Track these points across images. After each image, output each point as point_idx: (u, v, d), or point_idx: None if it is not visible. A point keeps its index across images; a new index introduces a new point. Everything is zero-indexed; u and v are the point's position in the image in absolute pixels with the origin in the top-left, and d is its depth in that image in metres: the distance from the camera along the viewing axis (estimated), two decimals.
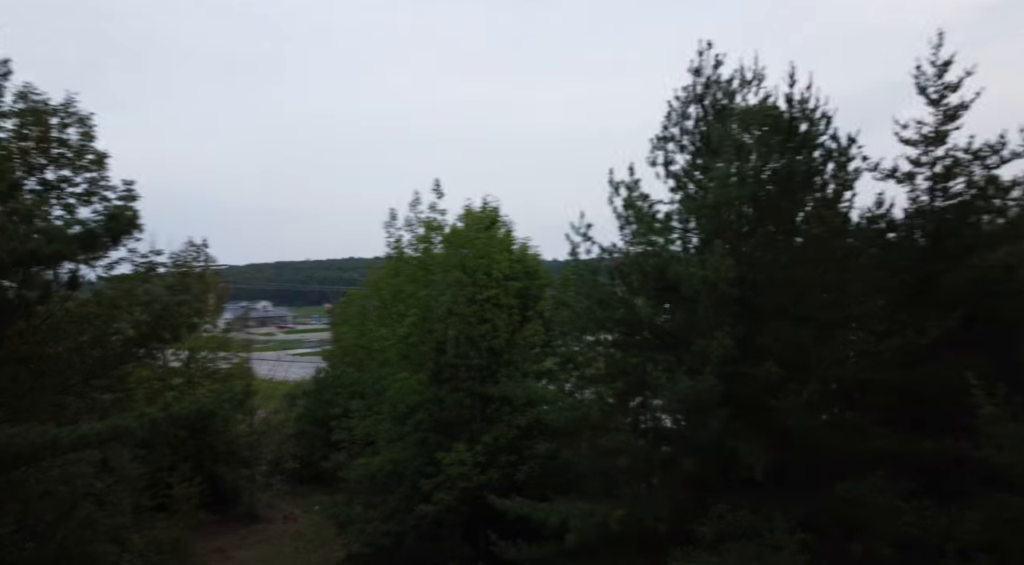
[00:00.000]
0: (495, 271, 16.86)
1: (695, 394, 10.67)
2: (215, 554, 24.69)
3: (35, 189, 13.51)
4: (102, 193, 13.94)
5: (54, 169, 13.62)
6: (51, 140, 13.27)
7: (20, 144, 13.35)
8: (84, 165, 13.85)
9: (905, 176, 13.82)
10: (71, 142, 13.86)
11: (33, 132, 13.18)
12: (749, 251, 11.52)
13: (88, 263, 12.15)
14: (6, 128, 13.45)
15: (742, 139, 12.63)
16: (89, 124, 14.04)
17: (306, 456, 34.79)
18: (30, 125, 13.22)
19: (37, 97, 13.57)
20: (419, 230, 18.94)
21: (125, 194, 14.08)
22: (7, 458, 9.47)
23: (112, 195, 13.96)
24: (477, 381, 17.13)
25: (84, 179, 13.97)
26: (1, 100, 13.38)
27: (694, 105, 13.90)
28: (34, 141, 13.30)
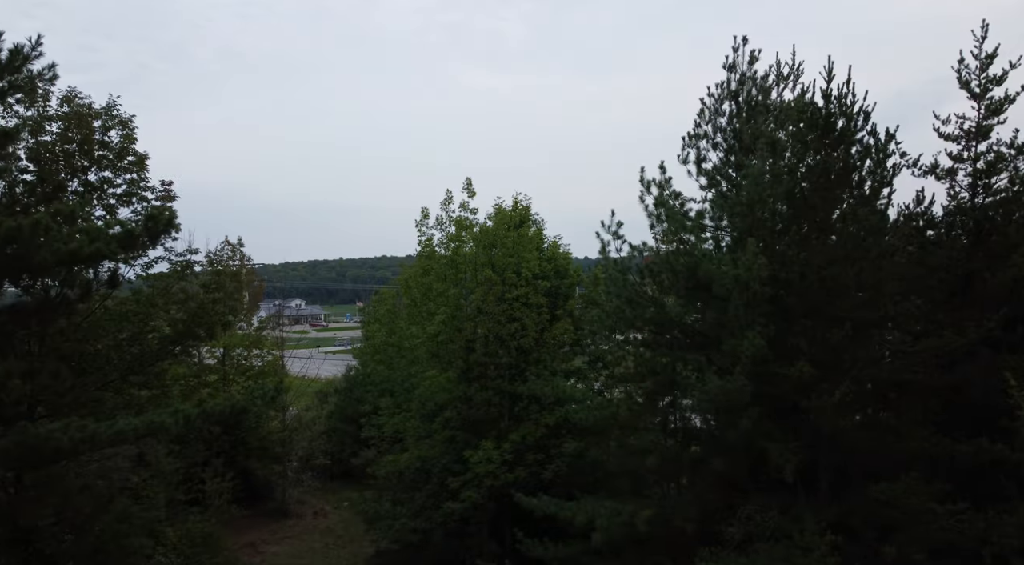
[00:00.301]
0: (524, 270, 16.86)
1: (725, 394, 10.55)
2: (246, 549, 25.03)
3: (77, 191, 13.88)
4: (141, 194, 14.27)
5: (96, 171, 13.95)
6: (94, 142, 13.58)
7: (64, 147, 13.70)
8: (125, 167, 14.18)
9: (945, 172, 13.54)
10: (113, 144, 14.18)
11: (77, 135, 13.50)
12: (783, 249, 11.36)
13: (127, 262, 12.42)
14: (52, 131, 13.82)
15: (777, 136, 12.48)
16: (130, 126, 14.37)
17: (336, 453, 35.18)
18: (74, 128, 13.55)
19: (81, 101, 13.92)
20: (450, 229, 19.02)
21: (163, 195, 14.39)
22: (47, 452, 9.71)
23: (151, 195, 14.29)
24: (506, 379, 17.16)
25: (124, 180, 14.32)
26: (47, 104, 13.74)
27: (728, 101, 13.77)
28: (77, 144, 13.63)
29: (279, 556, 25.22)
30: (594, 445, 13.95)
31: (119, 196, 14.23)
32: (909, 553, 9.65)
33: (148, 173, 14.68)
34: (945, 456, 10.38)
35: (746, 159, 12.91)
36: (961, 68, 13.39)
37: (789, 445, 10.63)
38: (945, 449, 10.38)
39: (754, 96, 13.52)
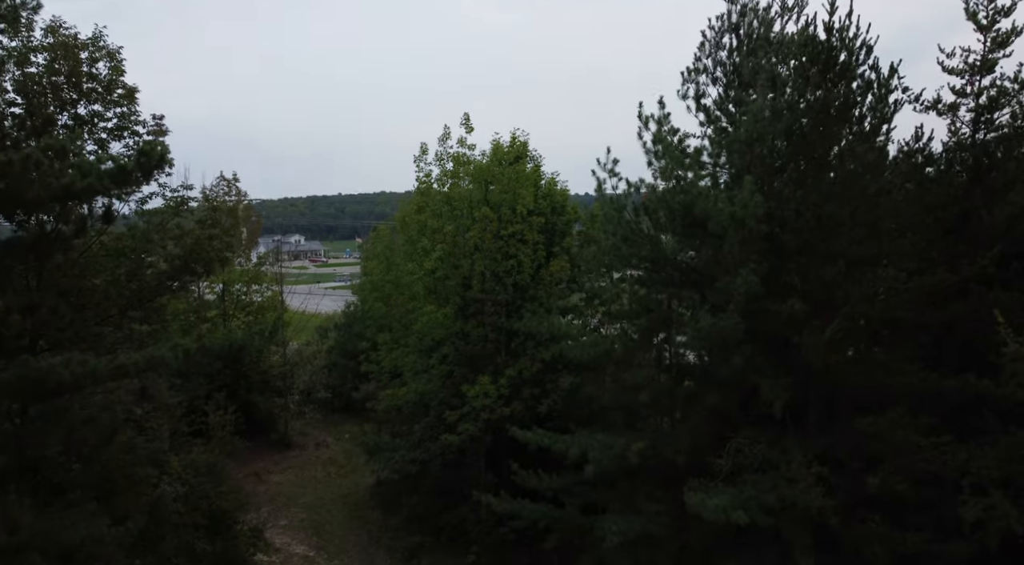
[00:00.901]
0: (519, 207, 16.79)
1: (718, 332, 10.68)
2: (250, 478, 25.73)
3: (67, 124, 13.67)
4: (132, 128, 14.07)
5: (85, 104, 13.70)
6: (81, 75, 13.30)
7: (52, 79, 13.42)
8: (114, 100, 13.92)
9: (948, 107, 13.35)
10: (101, 77, 13.89)
11: (64, 67, 13.21)
12: (780, 187, 11.29)
13: (121, 198, 12.35)
14: (38, 63, 13.52)
15: (777, 70, 12.25)
16: (118, 58, 14.03)
17: (337, 387, 35.79)
18: (60, 60, 13.24)
19: (66, 31, 13.56)
20: (448, 165, 18.85)
21: (155, 129, 14.20)
22: (49, 386, 9.87)
23: (142, 130, 14.10)
24: (502, 316, 17.30)
25: (115, 114, 14.09)
26: (32, 34, 13.40)
27: (729, 34, 13.46)
28: (64, 76, 13.35)
29: (283, 485, 25.96)
30: (589, 381, 14.17)
31: (110, 130, 14.02)
32: (892, 483, 9.94)
33: (138, 107, 14.44)
34: (933, 391, 10.56)
35: (746, 94, 12.72)
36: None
37: (780, 381, 10.81)
38: (933, 384, 10.56)
39: (755, 28, 13.20)
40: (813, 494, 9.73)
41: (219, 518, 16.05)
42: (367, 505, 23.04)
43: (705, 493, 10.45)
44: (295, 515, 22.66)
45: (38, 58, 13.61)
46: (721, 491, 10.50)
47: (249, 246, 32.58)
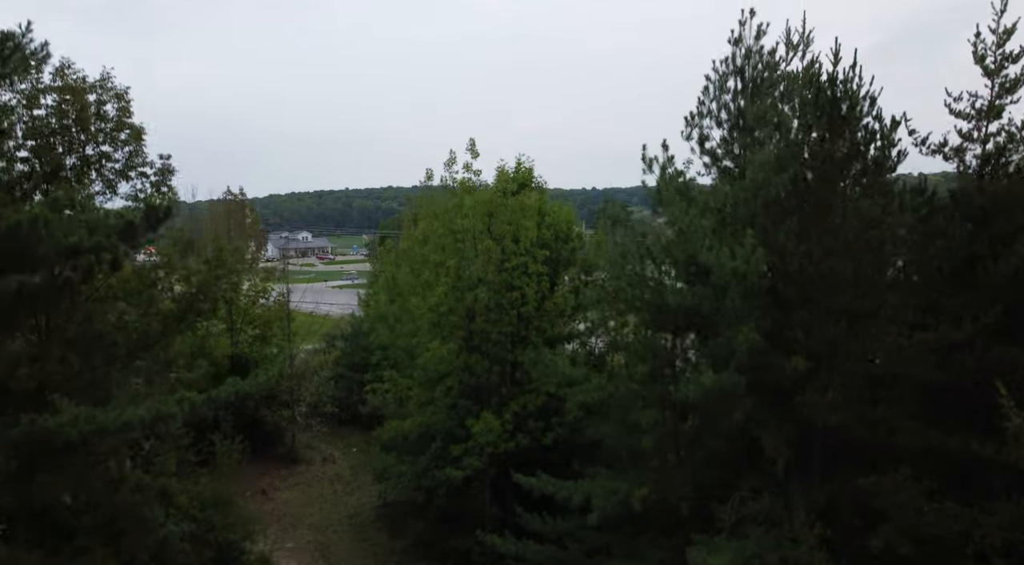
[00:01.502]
0: (523, 239, 16.82)
1: (720, 388, 10.70)
2: (257, 496, 25.94)
3: (75, 165, 13.78)
4: (140, 169, 14.17)
5: (94, 145, 13.82)
6: (89, 118, 13.41)
7: (60, 121, 13.53)
8: (123, 140, 14.03)
9: (954, 152, 13.30)
10: (109, 117, 14.00)
11: (72, 111, 13.32)
12: (783, 240, 11.27)
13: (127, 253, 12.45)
14: (46, 105, 13.62)
15: (781, 118, 12.23)
16: (126, 99, 14.14)
17: (344, 399, 35.91)
18: (68, 104, 13.34)
19: (74, 74, 13.65)
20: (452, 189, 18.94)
21: (163, 168, 14.29)
22: (57, 444, 10.00)
23: (150, 171, 14.20)
24: (507, 347, 17.36)
25: (123, 153, 14.20)
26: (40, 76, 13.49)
27: (733, 77, 13.42)
28: (73, 119, 13.45)
29: (290, 503, 26.13)
30: (593, 421, 14.20)
31: (118, 171, 14.13)
32: (895, 545, 9.96)
33: (145, 146, 14.56)
34: (936, 448, 10.56)
35: (750, 140, 12.70)
36: (977, 42, 12.98)
37: (782, 433, 10.84)
38: (935, 441, 10.55)
39: (760, 71, 13.16)
40: (817, 557, 9.76)
41: (226, 550, 16.19)
42: (373, 526, 23.17)
43: (708, 549, 10.49)
44: (302, 537, 22.81)
45: (47, 99, 13.74)
46: (724, 547, 10.54)
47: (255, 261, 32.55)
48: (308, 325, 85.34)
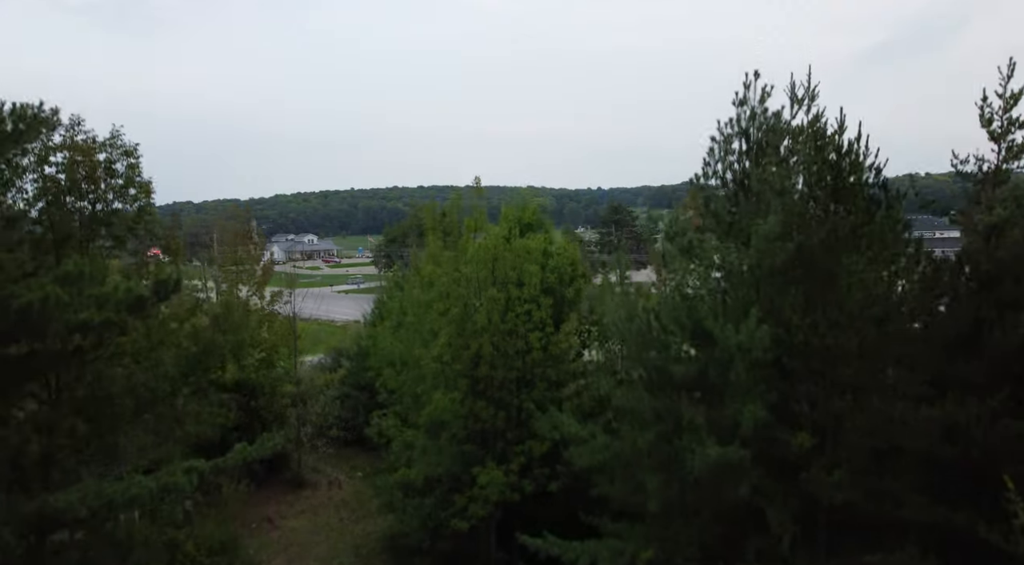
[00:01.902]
0: (528, 284, 16.88)
1: (725, 462, 10.74)
2: (264, 524, 26.06)
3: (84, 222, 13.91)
4: (149, 225, 14.29)
5: (103, 204, 13.94)
6: (99, 179, 13.54)
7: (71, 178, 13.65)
8: (132, 196, 14.16)
9: (960, 214, 13.32)
10: (119, 174, 14.12)
11: (82, 170, 13.44)
12: (788, 312, 11.30)
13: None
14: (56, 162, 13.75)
15: (785, 185, 12.26)
16: (135, 155, 14.27)
17: (349, 419, 35.98)
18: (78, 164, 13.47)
19: (85, 133, 13.79)
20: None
21: (172, 225, 14.41)
22: (66, 521, 10.11)
23: (159, 229, 14.31)
24: (512, 390, 17.42)
25: (132, 209, 14.33)
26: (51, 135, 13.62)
27: (738, 138, 13.43)
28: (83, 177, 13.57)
29: (296, 531, 26.22)
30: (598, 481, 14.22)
31: (128, 226, 14.25)
32: None
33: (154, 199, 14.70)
34: (942, 524, 10.58)
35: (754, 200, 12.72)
36: (984, 106, 12.99)
37: (787, 509, 10.87)
38: (942, 517, 10.57)
39: (765, 132, 13.17)
40: None
41: None
42: (380, 559, 23.23)
43: None
44: None
45: (57, 157, 13.87)
46: None
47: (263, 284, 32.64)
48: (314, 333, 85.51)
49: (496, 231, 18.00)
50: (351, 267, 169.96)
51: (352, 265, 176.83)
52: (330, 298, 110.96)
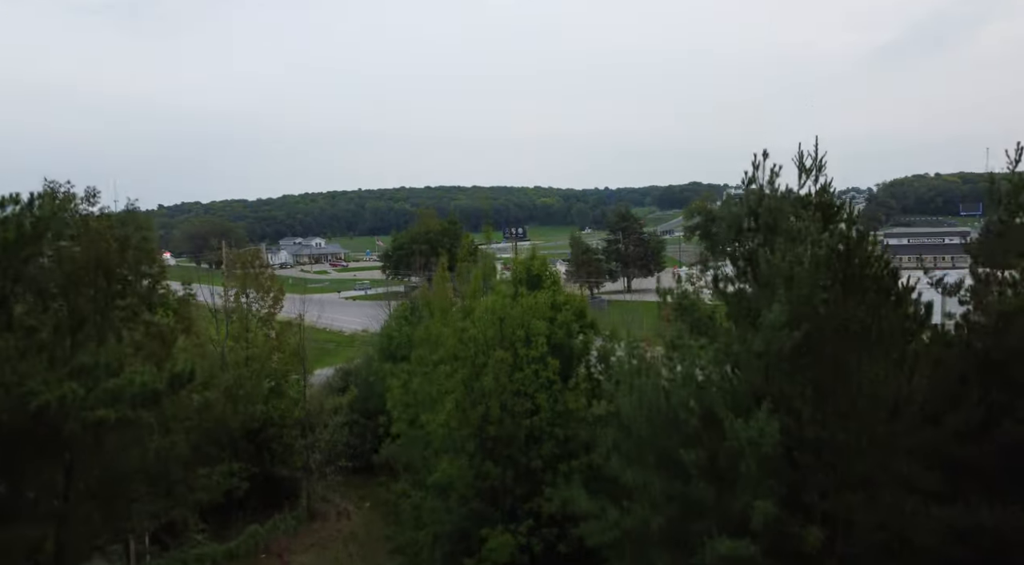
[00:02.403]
0: (535, 346, 16.97)
1: (736, 556, 10.80)
2: (273, 559, 26.21)
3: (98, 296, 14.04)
4: (161, 296, 14.43)
5: (119, 278, 14.08)
6: (113, 258, 13.68)
7: (87, 256, 13.79)
8: (147, 273, 14.32)
9: (970, 291, 13.36)
10: (133, 247, 14.27)
11: (97, 249, 13.59)
12: (798, 405, 11.34)
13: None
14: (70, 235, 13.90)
15: (795, 271, 12.28)
16: (149, 228, 14.44)
17: (358, 446, 36.06)
18: (93, 242, 13.61)
19: (100, 208, 13.98)
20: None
21: (184, 298, 14.55)
22: None
23: (172, 299, 14.45)
24: (521, 448, 17.51)
25: (146, 280, 14.48)
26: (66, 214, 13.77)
27: (747, 218, 13.47)
28: (98, 256, 13.71)
29: None
30: (609, 556, 14.30)
31: (142, 298, 14.40)
32: None
33: (166, 267, 14.84)
34: None
35: (763, 291, 12.74)
36: (992, 189, 13.05)
37: None
38: None
39: (772, 214, 13.20)
40: None
41: None
42: None
43: None
44: None
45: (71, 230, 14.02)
46: None
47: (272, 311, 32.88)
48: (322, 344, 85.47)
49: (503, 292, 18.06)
50: (358, 271, 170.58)
51: (359, 269, 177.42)
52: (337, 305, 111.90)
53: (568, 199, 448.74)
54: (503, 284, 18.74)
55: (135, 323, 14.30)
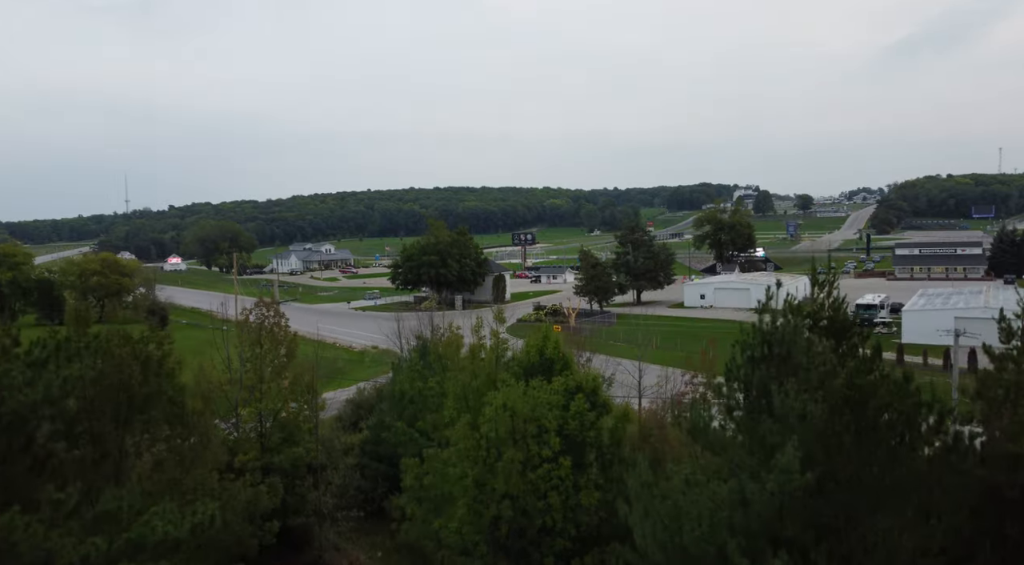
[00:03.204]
0: (546, 443, 17.09)
1: None
2: None
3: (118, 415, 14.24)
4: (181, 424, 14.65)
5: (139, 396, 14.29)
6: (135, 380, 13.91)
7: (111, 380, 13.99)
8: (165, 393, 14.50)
9: (981, 423, 13.42)
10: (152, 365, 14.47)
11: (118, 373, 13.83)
12: (812, 557, 11.44)
13: None
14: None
15: (807, 408, 12.37)
16: (168, 341, 14.66)
17: (369, 490, 36.23)
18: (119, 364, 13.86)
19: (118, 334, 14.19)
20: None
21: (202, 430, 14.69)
22: None
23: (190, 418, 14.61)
24: (534, 544, 17.65)
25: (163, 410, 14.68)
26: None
27: (760, 347, 13.56)
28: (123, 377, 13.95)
29: None
30: None
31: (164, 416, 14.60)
32: None
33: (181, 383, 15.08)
34: None
35: (776, 423, 12.83)
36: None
37: None
38: None
39: (785, 346, 13.29)
40: None
41: None
42: None
43: None
44: None
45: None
46: None
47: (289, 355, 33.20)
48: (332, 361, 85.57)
49: (517, 391, 18.12)
50: (368, 279, 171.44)
51: (369, 275, 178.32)
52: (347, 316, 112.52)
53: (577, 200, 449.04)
54: (514, 370, 18.82)
55: (155, 438, 14.52)
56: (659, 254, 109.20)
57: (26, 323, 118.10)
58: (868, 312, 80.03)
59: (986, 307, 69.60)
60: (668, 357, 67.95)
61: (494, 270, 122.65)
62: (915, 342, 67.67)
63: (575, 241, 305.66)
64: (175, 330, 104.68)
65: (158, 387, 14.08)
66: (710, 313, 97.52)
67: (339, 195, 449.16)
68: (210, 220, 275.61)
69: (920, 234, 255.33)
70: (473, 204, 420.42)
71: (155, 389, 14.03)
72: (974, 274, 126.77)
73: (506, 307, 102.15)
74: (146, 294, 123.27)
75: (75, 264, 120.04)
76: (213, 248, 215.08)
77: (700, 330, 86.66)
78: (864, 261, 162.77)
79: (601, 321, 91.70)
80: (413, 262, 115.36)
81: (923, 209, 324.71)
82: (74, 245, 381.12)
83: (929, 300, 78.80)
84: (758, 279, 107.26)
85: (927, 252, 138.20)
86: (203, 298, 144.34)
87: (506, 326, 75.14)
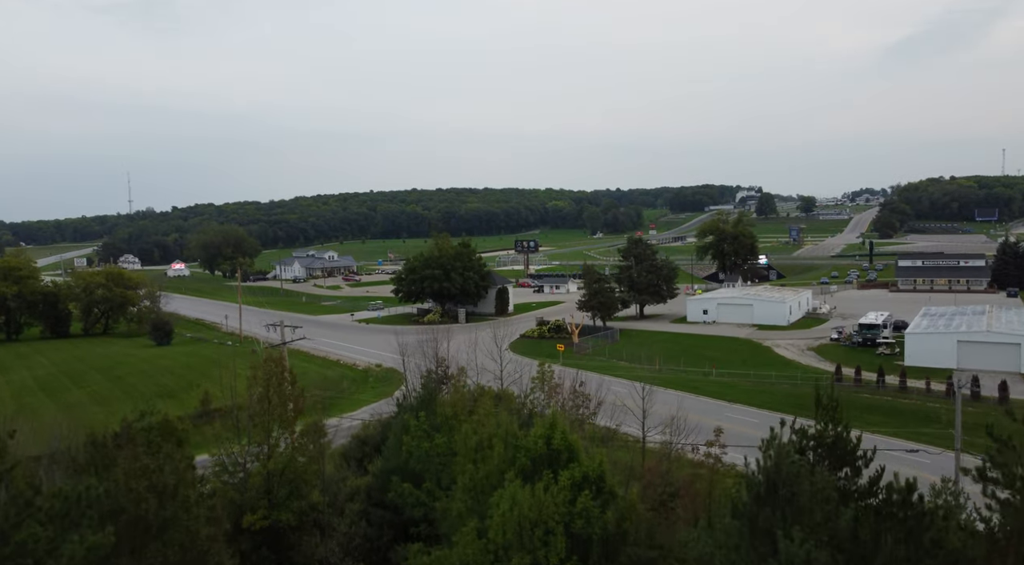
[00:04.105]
0: (553, 548, 17.32)
1: None
2: None
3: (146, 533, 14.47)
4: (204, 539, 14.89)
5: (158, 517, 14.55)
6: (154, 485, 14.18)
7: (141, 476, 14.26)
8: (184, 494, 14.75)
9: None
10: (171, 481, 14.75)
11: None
12: None
13: None
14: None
15: (810, 556, 12.60)
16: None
17: (375, 538, 36.45)
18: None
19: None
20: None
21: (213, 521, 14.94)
22: None
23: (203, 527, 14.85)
24: None
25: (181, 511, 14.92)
26: None
27: (764, 484, 13.79)
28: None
29: None
30: None
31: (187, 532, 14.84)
32: None
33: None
34: None
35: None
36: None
37: None
38: None
39: (791, 482, 13.51)
40: None
41: None
42: None
43: None
44: None
45: None
46: None
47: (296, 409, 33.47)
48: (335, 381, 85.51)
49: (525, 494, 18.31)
50: (371, 286, 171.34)
51: (372, 283, 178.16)
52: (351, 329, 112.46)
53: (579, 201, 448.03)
54: (521, 463, 19.02)
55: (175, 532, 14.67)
56: (662, 268, 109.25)
57: (32, 336, 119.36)
58: (871, 332, 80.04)
59: (988, 331, 69.78)
60: (674, 380, 68.32)
61: (497, 282, 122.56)
62: (918, 365, 67.79)
63: (578, 244, 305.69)
64: (180, 345, 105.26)
65: (173, 513, 14.34)
66: (712, 329, 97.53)
67: (341, 196, 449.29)
68: (213, 224, 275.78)
69: (923, 238, 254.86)
70: (475, 206, 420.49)
71: (171, 515, 14.29)
72: (977, 286, 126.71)
73: (509, 320, 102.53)
74: (151, 307, 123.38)
75: (80, 277, 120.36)
76: (216, 253, 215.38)
77: (703, 347, 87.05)
78: (867, 269, 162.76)
79: (604, 337, 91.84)
80: (416, 275, 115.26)
81: (926, 212, 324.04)
82: (77, 246, 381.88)
83: (932, 321, 78.74)
84: (761, 294, 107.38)
85: (930, 264, 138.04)
86: (208, 308, 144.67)
87: (509, 343, 75.44)
